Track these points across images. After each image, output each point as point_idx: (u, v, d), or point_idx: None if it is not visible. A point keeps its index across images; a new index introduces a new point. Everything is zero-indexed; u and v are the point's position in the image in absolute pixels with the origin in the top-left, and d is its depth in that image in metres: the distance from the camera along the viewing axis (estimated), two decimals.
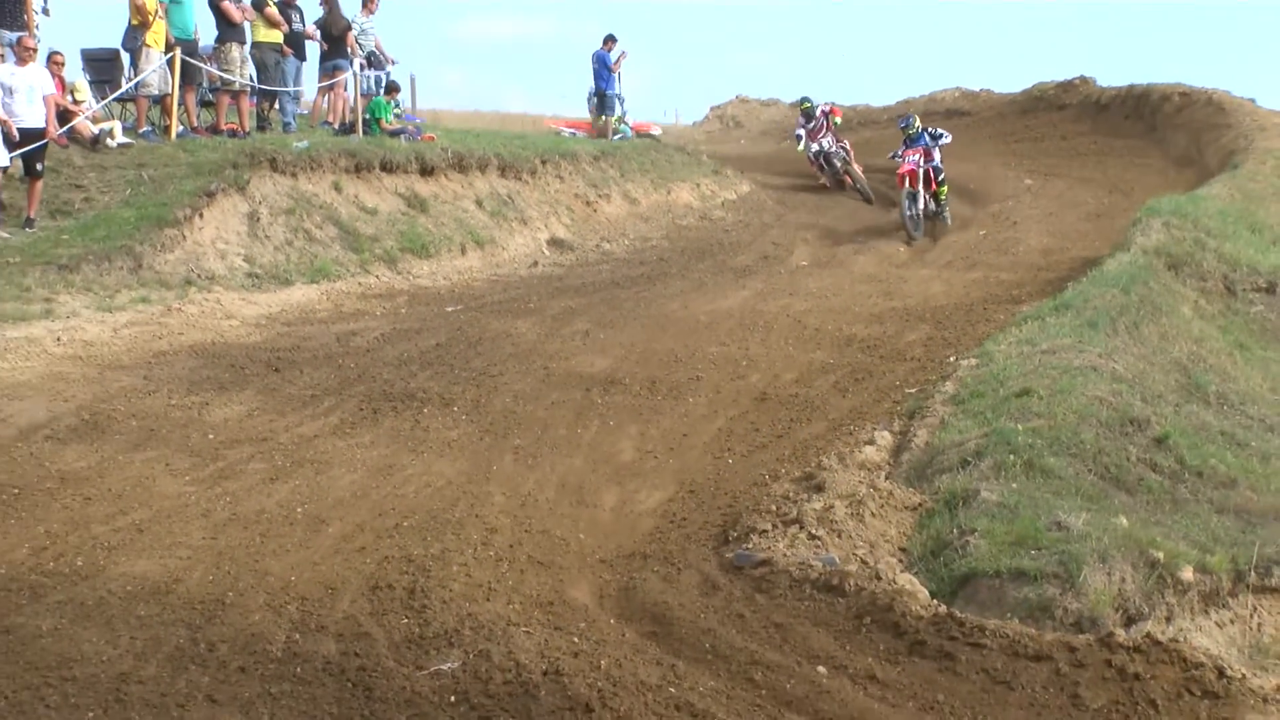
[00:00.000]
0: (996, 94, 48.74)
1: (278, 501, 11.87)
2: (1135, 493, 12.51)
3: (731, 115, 56.61)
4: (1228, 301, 21.20)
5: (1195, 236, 22.97)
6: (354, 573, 10.34)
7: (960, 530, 11.24)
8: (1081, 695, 8.62)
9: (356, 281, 22.29)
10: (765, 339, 19.08)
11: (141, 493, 11.87)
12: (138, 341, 16.97)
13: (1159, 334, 18.13)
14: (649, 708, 8.01)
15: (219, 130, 25.90)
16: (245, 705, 8.02)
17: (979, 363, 16.58)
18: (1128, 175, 35.70)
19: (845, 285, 23.83)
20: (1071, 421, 13.55)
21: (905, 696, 8.70)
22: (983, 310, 21.11)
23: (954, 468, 12.77)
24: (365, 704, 8.07)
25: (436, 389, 15.75)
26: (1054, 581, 10.26)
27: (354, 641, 9.02)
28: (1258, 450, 14.29)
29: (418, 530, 11.35)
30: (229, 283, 20.18)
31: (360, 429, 14.28)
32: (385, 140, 27.74)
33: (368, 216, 24.24)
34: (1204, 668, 8.72)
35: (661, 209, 33.20)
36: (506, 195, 28.49)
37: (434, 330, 18.93)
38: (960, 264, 26.06)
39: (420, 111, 35.51)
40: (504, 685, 8.27)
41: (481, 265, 25.38)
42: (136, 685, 8.21)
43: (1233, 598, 10.38)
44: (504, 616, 9.54)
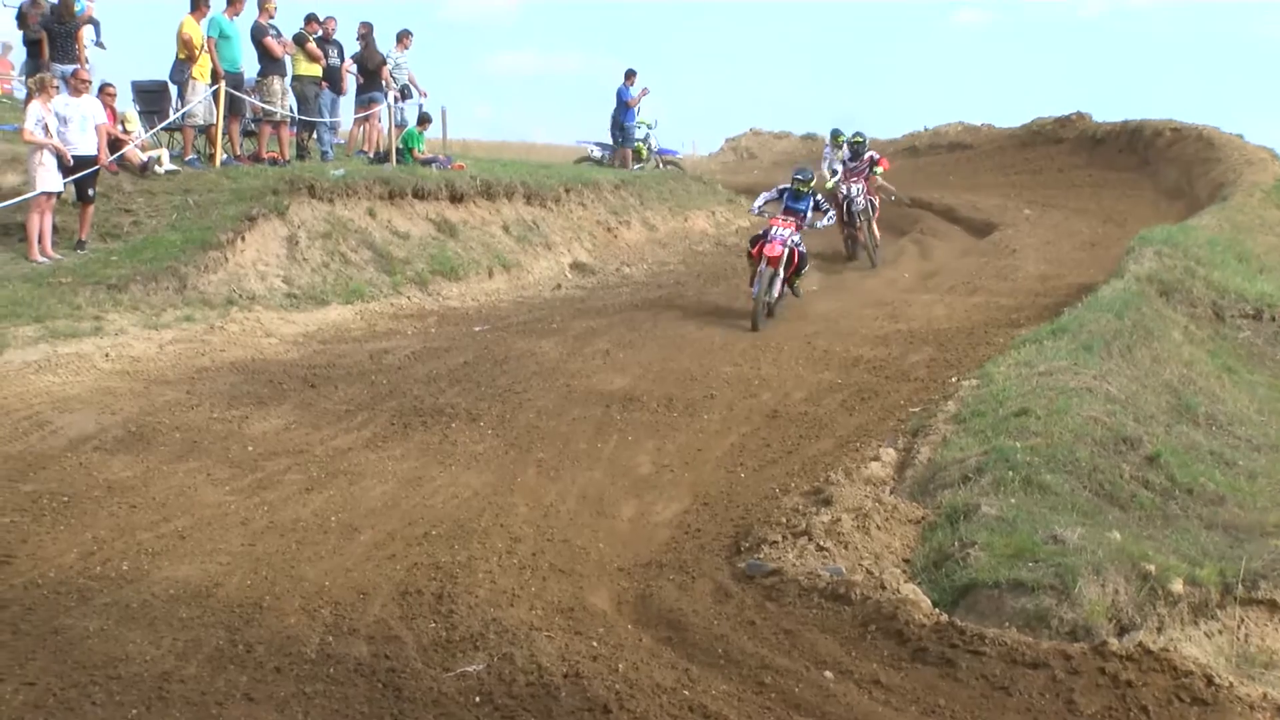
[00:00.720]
0: (997, 128, 48.67)
1: (313, 510, 11.87)
2: (1128, 508, 12.47)
3: (745, 147, 56.62)
4: (1216, 327, 21.13)
5: (1186, 265, 22.90)
6: (384, 579, 10.33)
7: (961, 543, 11.21)
8: (1076, 701, 8.60)
9: (389, 302, 22.29)
10: (776, 359, 19.06)
11: (184, 501, 11.88)
12: (182, 358, 17.00)
13: (1151, 357, 18.06)
14: (664, 709, 8.00)
15: (261, 158, 25.96)
16: (281, 704, 8.01)
17: (979, 383, 16.53)
18: (1121, 206, 35.61)
19: (853, 308, 23.79)
20: (1067, 440, 13.51)
21: (908, 701, 8.68)
22: (983, 333, 21.05)
23: (955, 483, 12.74)
24: (394, 704, 8.06)
25: (464, 405, 15.75)
26: (1050, 592, 10.22)
27: (384, 644, 9.02)
28: (1245, 469, 14.24)
29: (445, 538, 11.34)
30: (268, 302, 20.19)
31: (391, 442, 14.28)
32: (417, 169, 27.77)
33: (400, 240, 24.24)
34: (1193, 676, 8.70)
35: (679, 235, 33.21)
36: (532, 221, 28.49)
37: (462, 349, 18.93)
38: (962, 289, 25.99)
39: (450, 142, 35.53)
40: (526, 687, 8.27)
41: (507, 287, 25.37)
42: (178, 684, 8.21)
43: (1221, 609, 10.34)
44: (527, 621, 9.53)
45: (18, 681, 8.12)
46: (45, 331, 16.56)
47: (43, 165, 19.25)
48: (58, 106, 19.73)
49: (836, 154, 33.01)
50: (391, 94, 29.92)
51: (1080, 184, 39.61)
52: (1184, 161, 38.21)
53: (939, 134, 50.16)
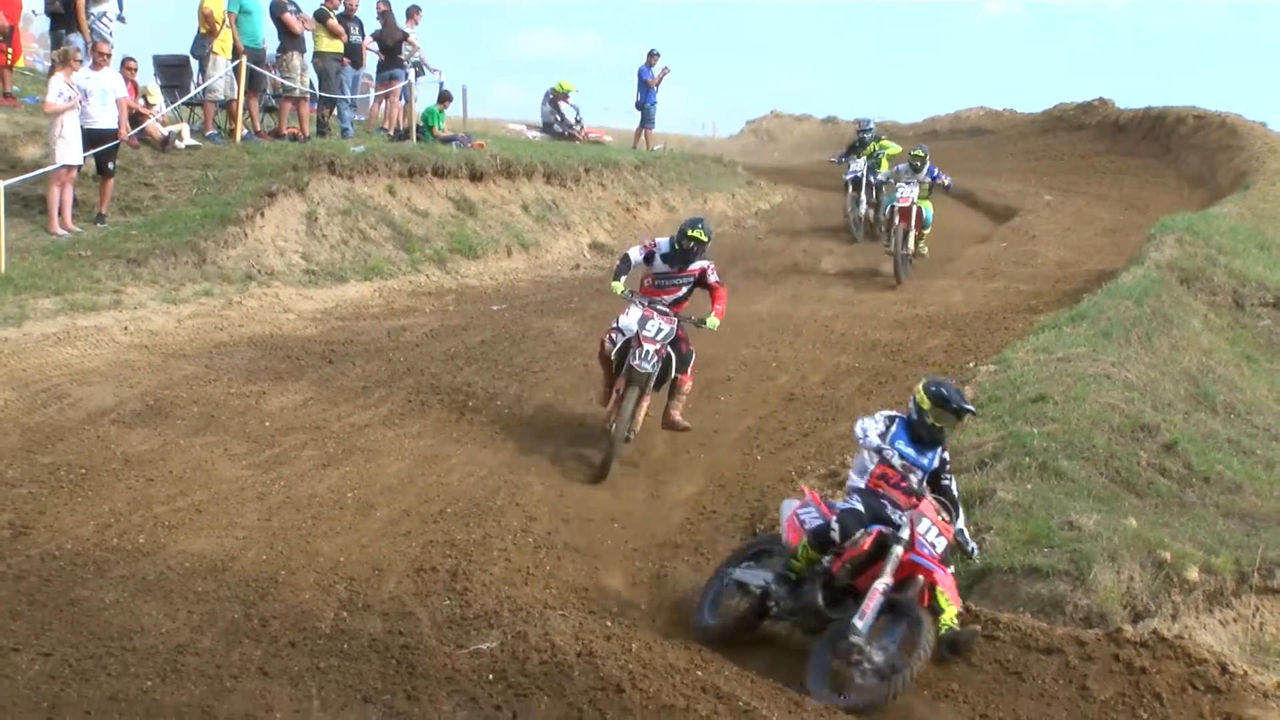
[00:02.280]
0: (1019, 114, 48.54)
1: (329, 486, 11.92)
2: (1144, 496, 12.47)
3: (766, 129, 56.55)
4: (1236, 315, 21.06)
5: (1206, 253, 22.81)
6: (400, 555, 10.38)
7: (977, 527, 11.20)
8: (1090, 687, 8.62)
9: (407, 280, 22.30)
10: (794, 342, 19.05)
11: (201, 475, 11.92)
12: (200, 332, 17.03)
13: (1170, 345, 18.02)
14: (676, 689, 8.02)
15: (281, 134, 25.93)
16: (295, 678, 8.06)
17: (997, 369, 16.51)
18: (1143, 193, 35.48)
19: (871, 293, 23.76)
20: (1085, 427, 13.50)
21: (921, 685, 8.70)
22: (1002, 319, 21.00)
23: (972, 468, 12.73)
24: (408, 680, 8.10)
25: (481, 383, 15.78)
26: (1065, 578, 10.23)
27: (399, 620, 9.07)
28: (1263, 458, 14.22)
29: (461, 516, 11.39)
30: (287, 279, 20.21)
31: (408, 419, 14.31)
32: (437, 146, 27.73)
33: (419, 218, 24.25)
34: (1207, 664, 8.71)
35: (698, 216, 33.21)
36: (551, 201, 28.46)
37: (480, 327, 18.95)
38: (981, 274, 25.92)
39: (471, 121, 35.51)
40: (540, 665, 8.30)
41: (526, 267, 25.36)
42: (193, 657, 8.26)
43: (1236, 598, 10.33)
44: (541, 600, 9.58)
45: (34, 652, 8.18)
46: (64, 304, 16.60)
47: (63, 138, 19.25)
48: (79, 79, 19.74)
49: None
50: (412, 71, 29.89)
51: (1101, 170, 39.47)
52: (1206, 149, 38.05)
53: (960, 118, 50.04)
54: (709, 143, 49.72)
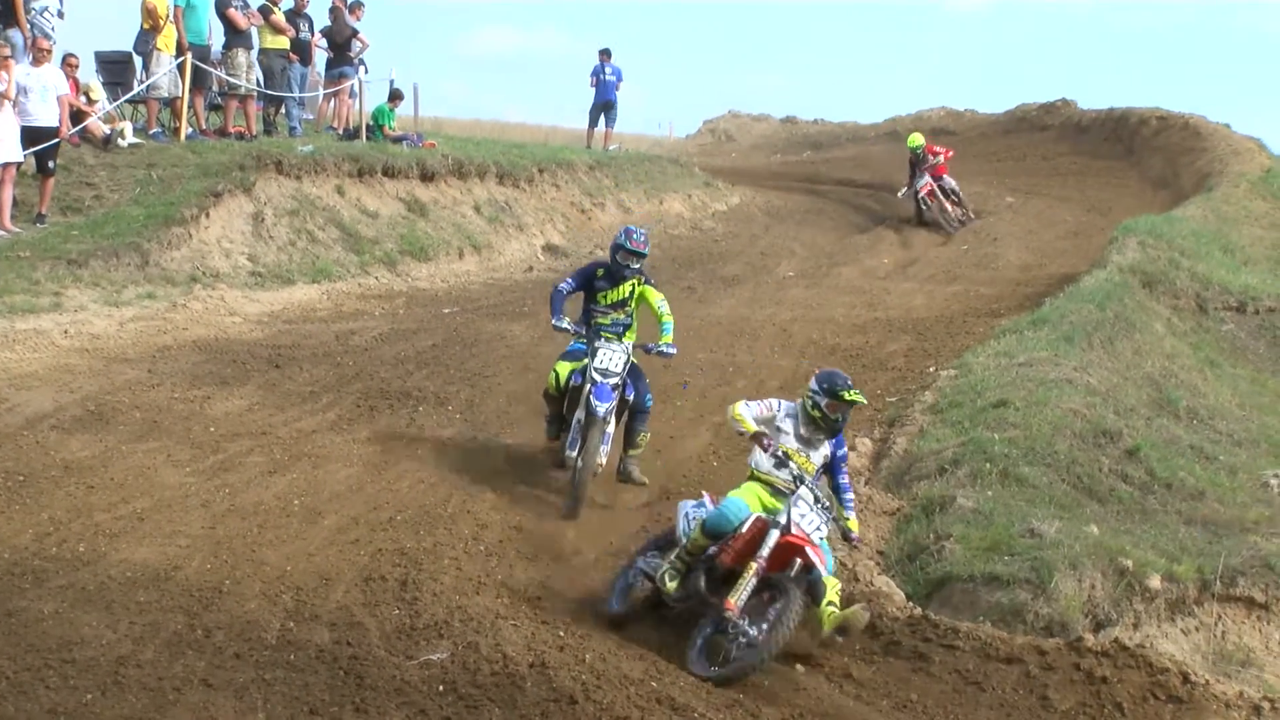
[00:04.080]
0: (981, 114, 48.72)
1: (275, 494, 11.87)
2: (1106, 502, 12.57)
3: (724, 129, 56.57)
4: (1199, 319, 21.24)
5: (1169, 256, 22.99)
6: (348, 564, 10.35)
7: (937, 535, 11.30)
8: (1050, 697, 8.67)
9: (356, 282, 22.25)
10: (752, 347, 19.08)
11: (143, 482, 11.85)
12: (143, 336, 16.94)
13: (1132, 349, 18.16)
14: (631, 701, 8.03)
15: (226, 133, 25.87)
16: (239, 690, 8.02)
17: (958, 374, 16.60)
18: (1105, 195, 35.67)
19: (830, 296, 23.81)
20: (1046, 432, 13.59)
21: (879, 695, 8.74)
22: (962, 323, 21.11)
23: (932, 475, 12.82)
24: (356, 691, 8.07)
25: (432, 388, 15.75)
26: (1026, 587, 10.31)
27: (346, 631, 9.03)
28: (1225, 464, 14.35)
29: (411, 524, 11.37)
30: (233, 281, 20.14)
31: (357, 425, 14.28)
32: (388, 146, 27.70)
33: (369, 219, 24.20)
34: (1169, 673, 8.77)
35: (653, 218, 33.15)
36: (504, 202, 28.44)
37: (431, 331, 18.92)
38: (941, 278, 26.03)
39: (422, 119, 35.41)
40: (491, 676, 8.29)
41: (478, 269, 25.33)
42: (134, 669, 8.21)
43: (1198, 606, 10.44)
44: (493, 610, 9.55)
45: None
46: (2, 307, 16.49)
47: (1, 136, 19.13)
48: (18, 76, 19.63)
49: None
50: (362, 69, 29.83)
51: (1064, 172, 39.67)
52: (1170, 151, 38.31)
53: (921, 119, 50.12)
54: (665, 143, 49.79)
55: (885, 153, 42.49)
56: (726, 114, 58.04)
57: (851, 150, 46.58)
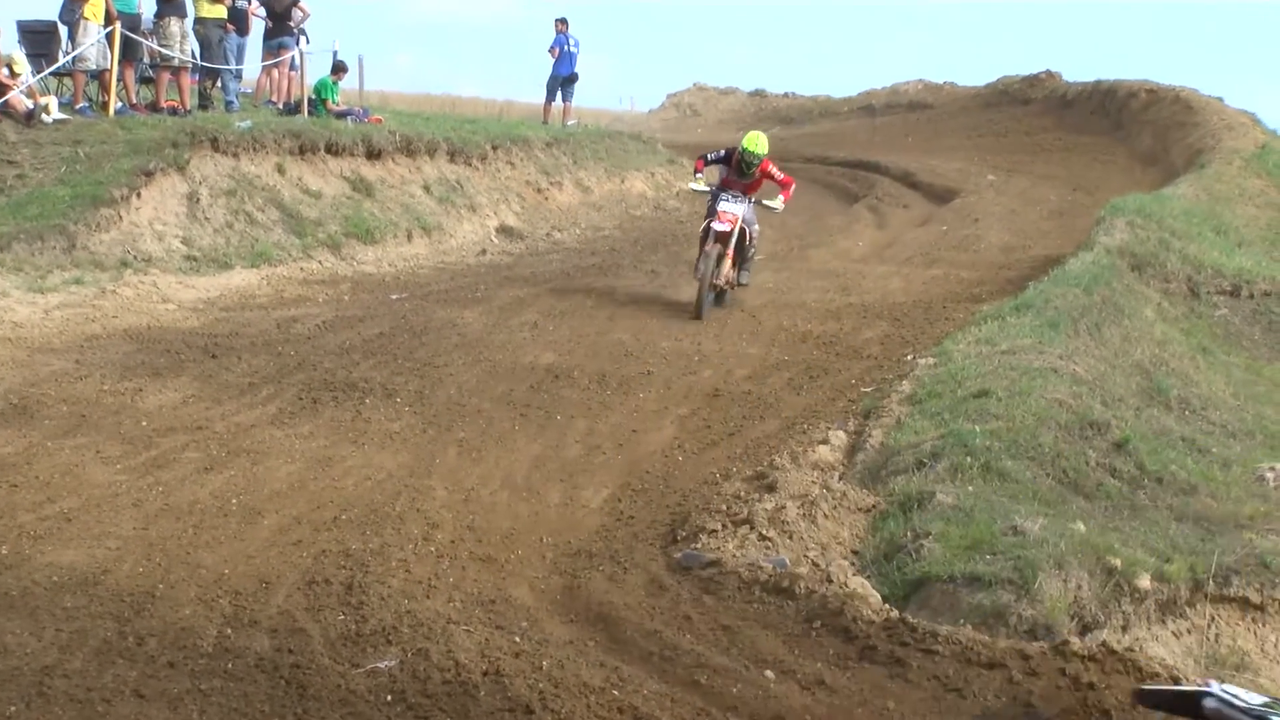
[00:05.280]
0: (960, 87, 48.98)
1: (212, 492, 11.81)
2: (1093, 498, 12.60)
3: (689, 103, 56.71)
4: (1191, 304, 21.36)
5: (1160, 237, 23.10)
6: (290, 567, 10.30)
7: (914, 533, 11.29)
8: (1034, 704, 8.67)
9: (298, 266, 22.19)
10: (719, 334, 19.11)
11: (70, 481, 11.78)
12: (70, 324, 16.86)
13: (1121, 336, 18.23)
14: (591, 710, 8.01)
15: (159, 108, 25.76)
16: (173, 701, 7.97)
17: (937, 362, 16.65)
18: (1092, 173, 35.88)
19: (801, 280, 23.88)
20: (1030, 424, 13.63)
21: (855, 703, 8.72)
22: (942, 308, 21.19)
23: (909, 469, 12.83)
24: (298, 702, 8.03)
25: (379, 379, 15.71)
26: (1009, 587, 10.31)
27: (288, 637, 8.99)
28: (1219, 457, 14.40)
29: (357, 524, 11.32)
30: (166, 265, 20.06)
31: (299, 419, 14.23)
32: (331, 121, 27.65)
33: (311, 200, 24.15)
34: (1159, 677, 8.78)
35: (614, 198, 33.23)
36: (455, 181, 28.43)
37: (378, 318, 18.90)
38: (920, 260, 26.14)
39: (368, 93, 35.36)
40: (443, 685, 8.25)
41: (428, 252, 25.31)
42: (61, 679, 8.15)
43: (1190, 607, 10.46)
44: (444, 614, 9.52)
45: None
46: None
47: None
48: None
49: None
50: (303, 40, 29.75)
51: (1048, 148, 39.89)
52: (1159, 126, 38.54)
53: (897, 92, 50.38)
54: (626, 118, 49.92)
55: (860, 128, 42.63)
56: (692, 87, 58.22)
57: (824, 125, 46.80)
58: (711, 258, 19.97)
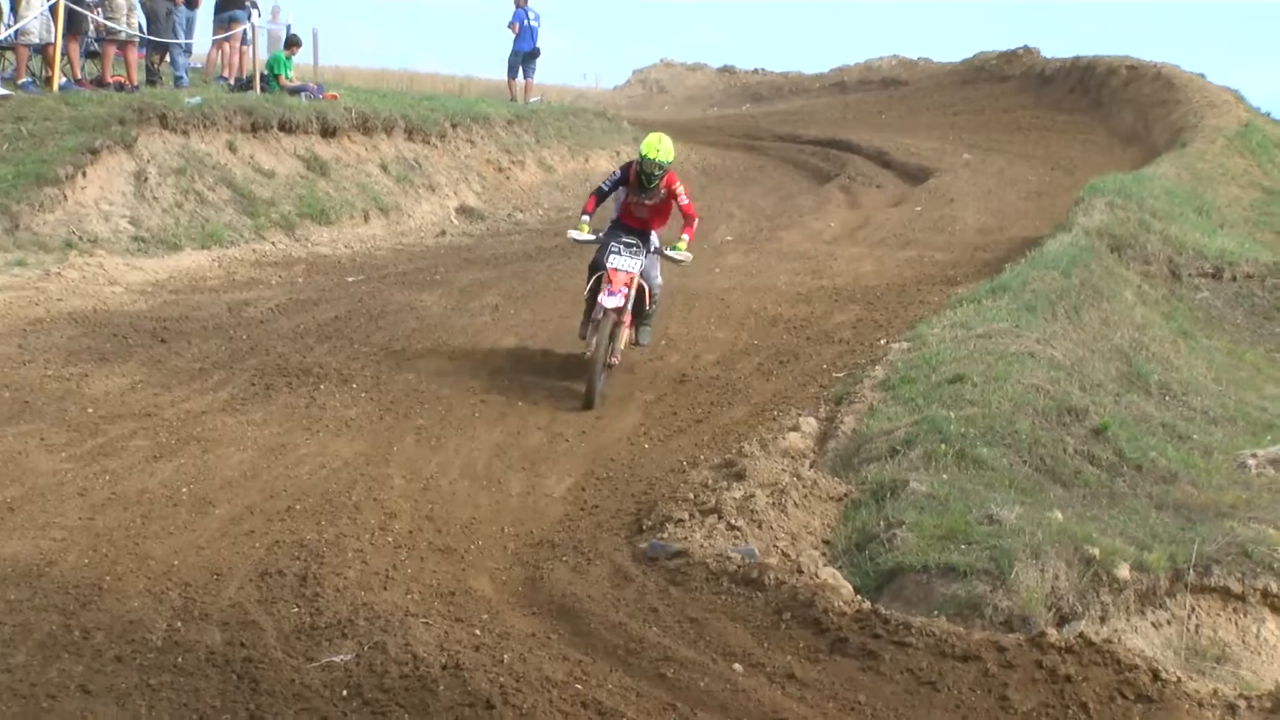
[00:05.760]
0: (935, 63, 49.12)
1: (161, 481, 11.77)
2: (1071, 486, 12.66)
3: (655, 80, 56.73)
4: (1172, 287, 21.46)
5: (1140, 218, 23.20)
6: (242, 558, 10.28)
7: (887, 522, 11.33)
8: (1010, 697, 8.70)
9: (251, 248, 22.13)
10: (685, 318, 19.11)
11: (13, 469, 11.72)
12: (12, 308, 16.78)
13: (1100, 319, 18.31)
14: (554, 705, 8.00)
15: (105, 83, 25.63)
16: (121, 697, 7.94)
17: (911, 346, 16.69)
18: (1071, 151, 36.00)
19: (771, 262, 23.90)
20: (1006, 410, 13.67)
21: (825, 697, 8.74)
22: (916, 291, 21.24)
23: (882, 457, 12.86)
24: (250, 697, 8.01)
25: (334, 364, 15.69)
26: (984, 578, 10.36)
27: (240, 631, 8.97)
28: (1199, 444, 14.48)
29: (311, 514, 11.30)
30: (113, 246, 19.97)
31: (251, 405, 14.19)
32: (284, 98, 27.53)
33: (264, 179, 24.07)
34: (1138, 670, 8.82)
35: (578, 177, 33.18)
36: (413, 160, 28.38)
37: (333, 302, 18.86)
38: (893, 242, 26.18)
39: (322, 69, 35.28)
40: (400, 679, 8.23)
41: (385, 234, 25.28)
42: (3, 674, 8.12)
43: (1170, 597, 10.52)
44: (401, 606, 9.51)
45: None
46: None
47: None
48: None
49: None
50: (255, 13, 29.65)
51: (1026, 126, 40.01)
52: (1140, 103, 38.68)
53: (870, 68, 50.48)
54: (591, 95, 49.85)
55: (831, 106, 42.65)
56: (658, 63, 58.25)
57: (795, 103, 46.85)
58: (604, 332, 15.34)
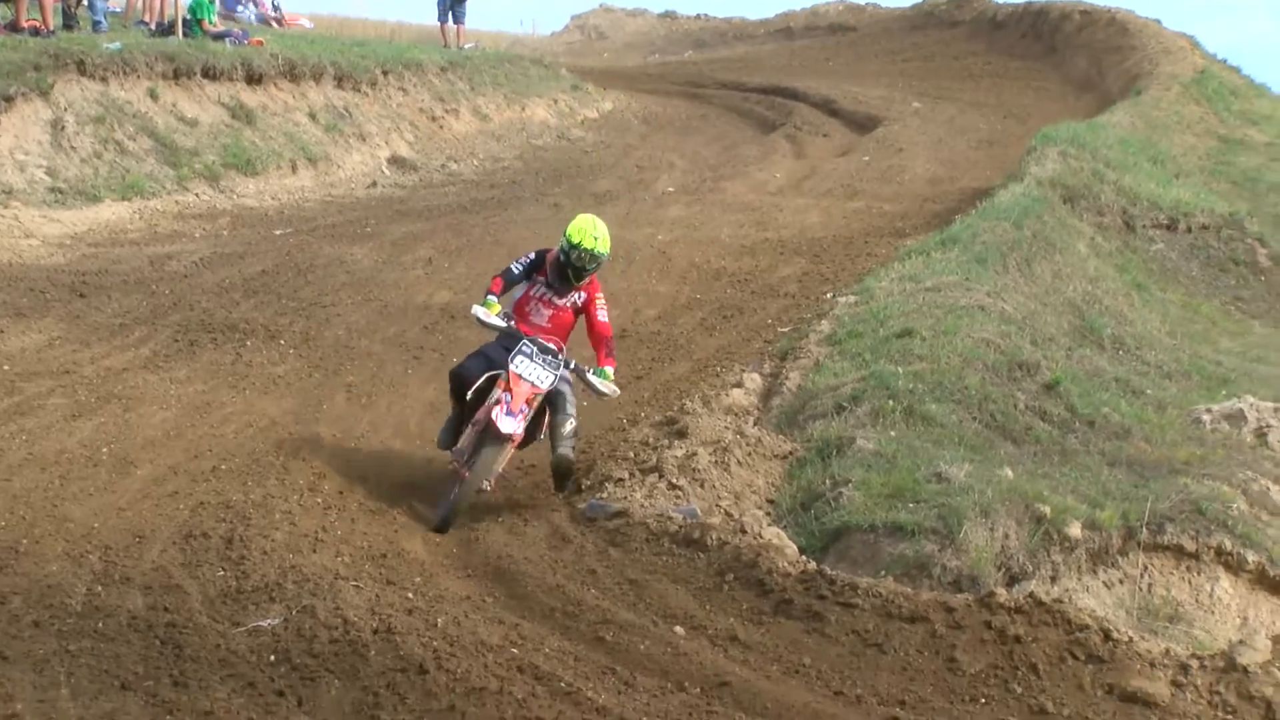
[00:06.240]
0: (884, 8, 49.17)
1: (80, 441, 11.71)
2: (1022, 443, 12.71)
3: (594, 25, 56.57)
4: (1126, 238, 21.54)
5: (1093, 167, 23.28)
6: (165, 520, 10.25)
7: (833, 481, 11.36)
8: (958, 659, 8.75)
9: (173, 200, 21.97)
10: (625, 271, 19.06)
11: None
12: None
13: (1052, 272, 18.38)
14: (489, 669, 8.01)
15: (19, 28, 25.37)
16: (39, 663, 7.90)
17: (858, 300, 16.72)
18: (1023, 99, 36.10)
19: (715, 214, 23.87)
20: (956, 365, 13.72)
21: (769, 660, 8.78)
22: (863, 243, 21.26)
23: (828, 413, 12.89)
24: (174, 663, 7.98)
25: (261, 320, 15.62)
26: (932, 537, 10.40)
27: (163, 595, 8.94)
28: (1153, 398, 14.56)
29: (237, 474, 11.28)
30: (28, 198, 19.80)
31: (175, 362, 14.12)
32: (208, 44, 27.30)
33: (187, 128, 23.89)
34: (1089, 630, 8.88)
35: (515, 127, 33.10)
36: (343, 108, 28.22)
37: (260, 255, 18.76)
38: (840, 193, 26.19)
39: None
40: (330, 644, 8.23)
41: (314, 185, 25.13)
42: None
43: (1123, 556, 10.60)
44: (331, 569, 9.51)
45: None
46: None
47: None
48: None
49: None
50: None
51: (977, 74, 40.09)
52: (1094, 50, 38.81)
53: (817, 13, 50.44)
54: (528, 41, 49.70)
55: (777, 52, 42.61)
56: (597, 8, 58.10)
57: (739, 49, 46.80)
58: (488, 459, 11.27)
